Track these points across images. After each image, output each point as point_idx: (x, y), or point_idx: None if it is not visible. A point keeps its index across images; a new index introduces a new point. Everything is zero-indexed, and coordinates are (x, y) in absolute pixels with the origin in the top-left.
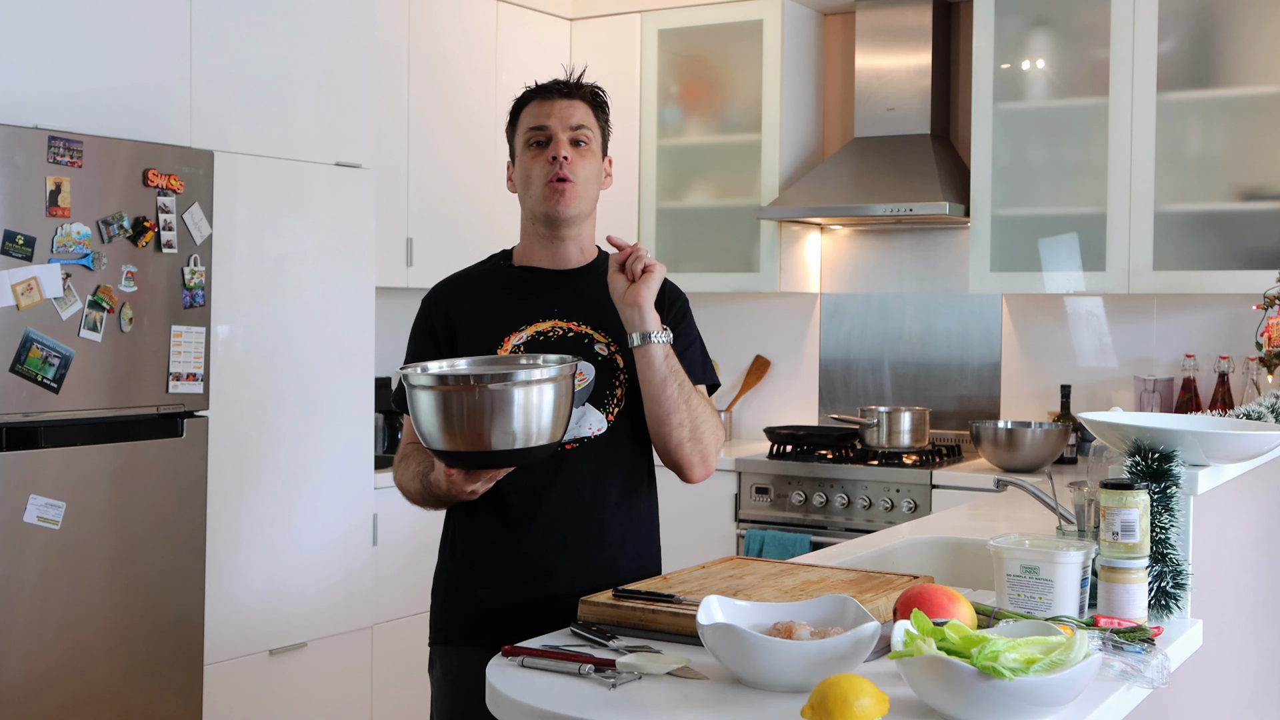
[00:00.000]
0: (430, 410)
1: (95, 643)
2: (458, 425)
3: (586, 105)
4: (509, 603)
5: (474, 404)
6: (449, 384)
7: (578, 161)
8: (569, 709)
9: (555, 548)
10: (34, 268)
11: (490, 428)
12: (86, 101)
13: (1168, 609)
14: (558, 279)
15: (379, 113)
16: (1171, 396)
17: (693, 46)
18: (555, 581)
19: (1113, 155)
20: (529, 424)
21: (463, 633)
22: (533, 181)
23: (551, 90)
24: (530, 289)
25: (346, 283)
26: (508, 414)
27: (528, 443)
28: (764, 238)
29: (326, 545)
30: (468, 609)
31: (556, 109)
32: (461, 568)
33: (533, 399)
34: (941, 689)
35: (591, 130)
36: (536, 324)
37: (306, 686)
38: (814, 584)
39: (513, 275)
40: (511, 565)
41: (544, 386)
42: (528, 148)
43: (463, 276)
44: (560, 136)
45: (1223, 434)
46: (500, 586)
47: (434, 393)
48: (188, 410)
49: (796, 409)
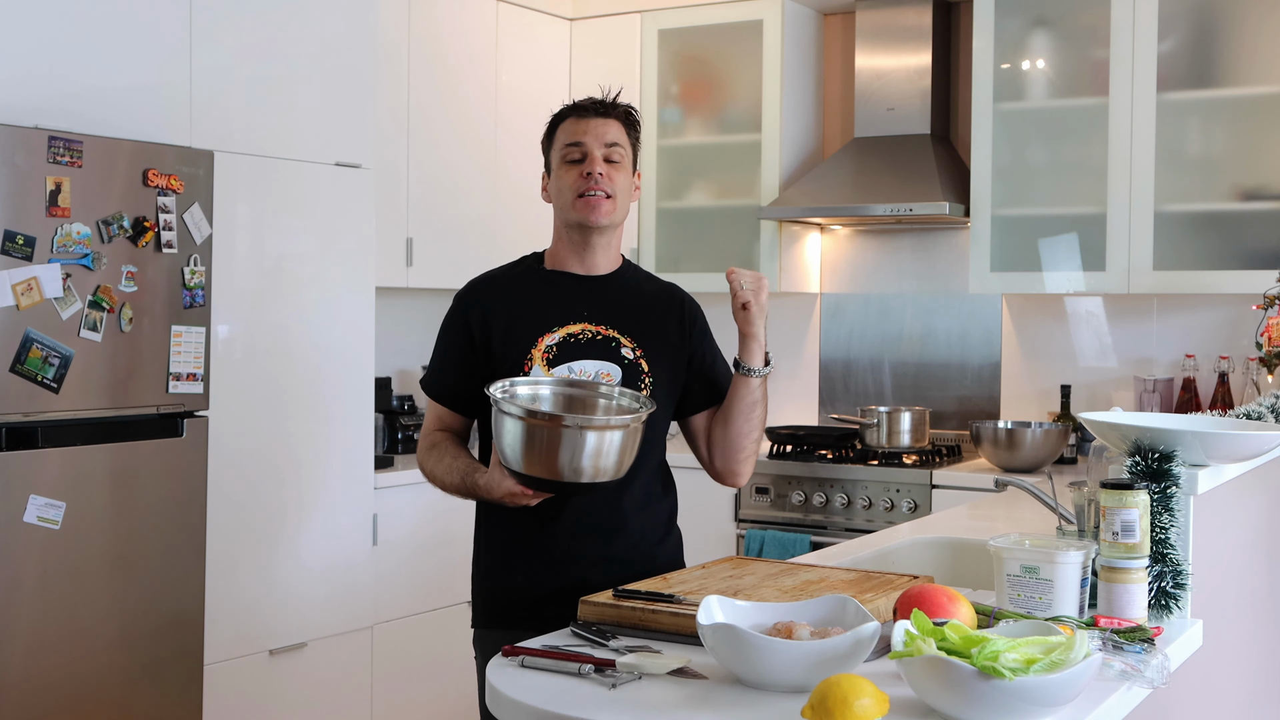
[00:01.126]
0: (515, 436)
1: (95, 643)
2: (537, 454)
3: (620, 124)
4: (543, 590)
5: (553, 439)
6: (537, 419)
7: (612, 176)
8: (569, 709)
9: (583, 537)
10: (34, 268)
11: (565, 462)
12: (86, 101)
13: (1168, 609)
14: (588, 284)
15: (379, 113)
16: (1171, 396)
17: (693, 46)
18: (586, 568)
19: (1113, 155)
20: (599, 463)
21: (501, 617)
22: (567, 193)
23: (588, 109)
24: (562, 292)
25: (346, 283)
26: (581, 452)
27: (595, 478)
28: (764, 238)
29: (326, 545)
30: (504, 595)
31: (592, 127)
32: (495, 555)
33: (605, 442)
34: (941, 689)
35: (624, 148)
36: (568, 326)
37: (306, 686)
38: (814, 584)
39: (545, 278)
40: (543, 554)
41: (615, 432)
42: (564, 163)
43: (498, 275)
44: (595, 153)
45: (1223, 434)
46: (534, 574)
47: (520, 423)
48: (188, 410)
49: (796, 409)
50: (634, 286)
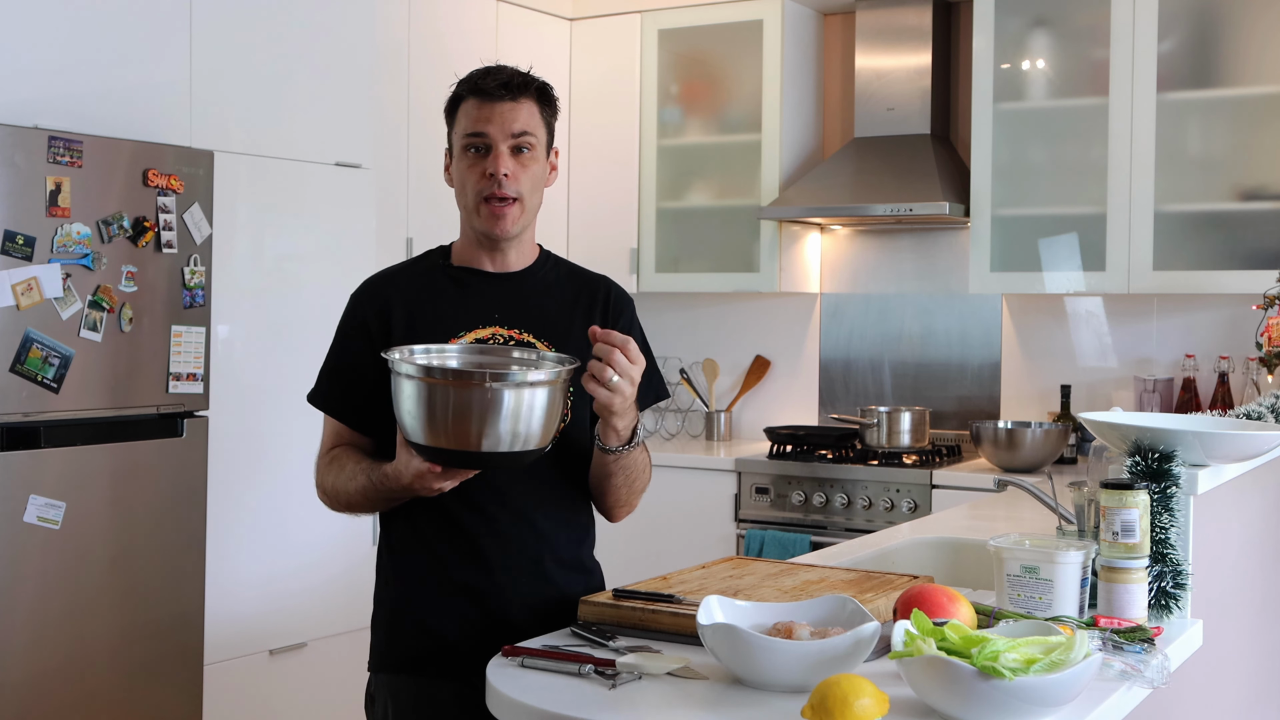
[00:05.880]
0: (413, 401)
1: (95, 643)
2: (441, 421)
3: (533, 103)
4: (459, 631)
5: (462, 401)
6: (437, 377)
7: (519, 173)
8: (569, 709)
9: (504, 567)
10: (34, 268)
11: (478, 428)
12: (86, 101)
13: (1168, 609)
14: (499, 283)
15: (379, 113)
16: (1171, 396)
17: (693, 46)
18: (505, 602)
19: (1113, 155)
20: (517, 427)
21: (409, 662)
22: (470, 192)
23: (493, 92)
24: (471, 292)
25: (347, 283)
26: (497, 415)
27: (513, 446)
28: (764, 238)
29: (326, 545)
30: (417, 637)
31: (498, 114)
32: (406, 592)
33: (524, 401)
34: (941, 689)
35: (536, 134)
36: (476, 330)
37: (306, 686)
38: (814, 584)
39: (452, 276)
40: (460, 589)
41: (538, 389)
42: (465, 152)
43: (398, 273)
44: (501, 148)
45: (1223, 434)
46: (449, 612)
47: (419, 384)
48: (188, 410)
49: (796, 409)
50: (552, 284)
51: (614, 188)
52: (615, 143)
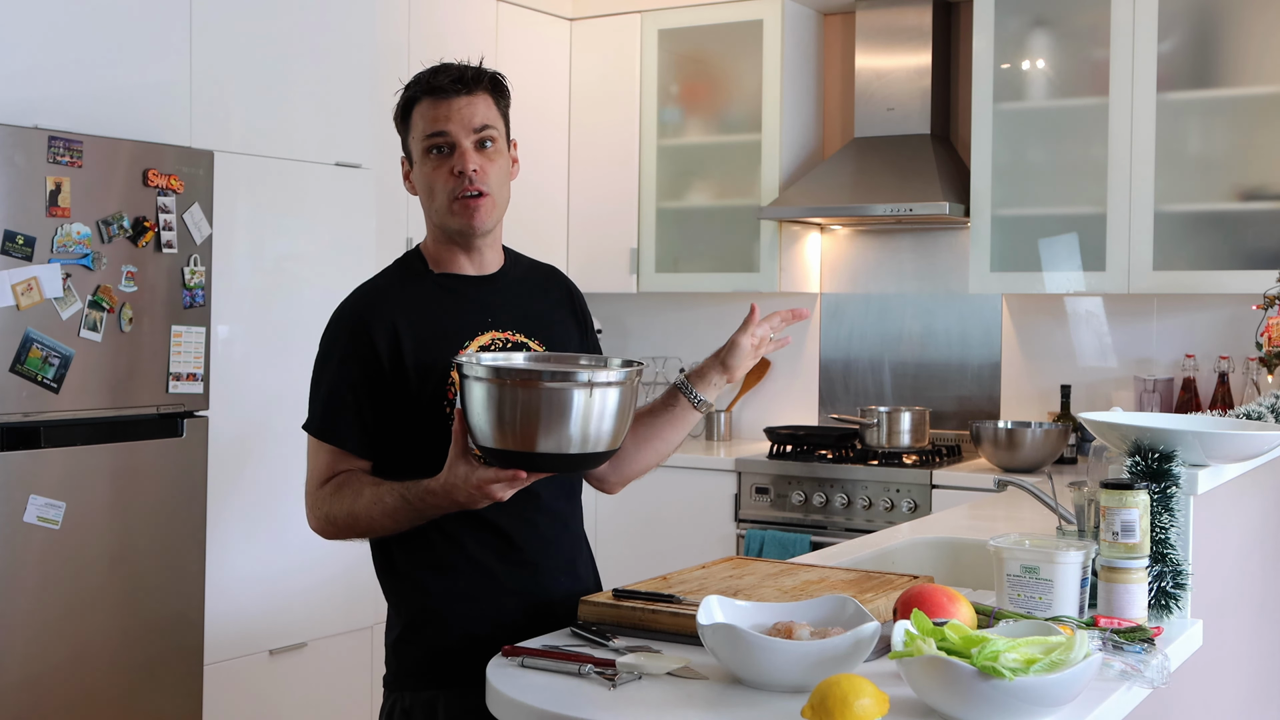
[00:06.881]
0: (483, 404)
1: (95, 643)
2: (509, 423)
3: (488, 95)
4: (508, 637)
5: (530, 402)
6: (509, 379)
7: (487, 167)
8: (569, 709)
9: (547, 570)
10: (34, 268)
11: (575, 429)
12: (86, 101)
13: (1168, 609)
14: (484, 286)
15: (379, 113)
16: (1171, 396)
17: (693, 46)
18: (550, 604)
19: (1113, 155)
20: (588, 429)
21: (458, 674)
22: (440, 194)
23: (447, 89)
24: (463, 299)
25: (346, 283)
26: (590, 415)
27: (584, 448)
28: (764, 238)
29: (326, 545)
30: (467, 648)
31: (455, 110)
32: (447, 606)
33: (594, 404)
34: (941, 689)
35: (496, 127)
36: (479, 338)
37: (306, 686)
38: (814, 584)
39: (440, 284)
40: (509, 593)
41: (608, 390)
42: (427, 155)
43: (386, 285)
44: (464, 145)
45: (1223, 434)
46: (498, 619)
47: (490, 386)
48: (188, 410)
49: (796, 409)
50: (526, 280)
51: (614, 188)
52: (615, 143)
